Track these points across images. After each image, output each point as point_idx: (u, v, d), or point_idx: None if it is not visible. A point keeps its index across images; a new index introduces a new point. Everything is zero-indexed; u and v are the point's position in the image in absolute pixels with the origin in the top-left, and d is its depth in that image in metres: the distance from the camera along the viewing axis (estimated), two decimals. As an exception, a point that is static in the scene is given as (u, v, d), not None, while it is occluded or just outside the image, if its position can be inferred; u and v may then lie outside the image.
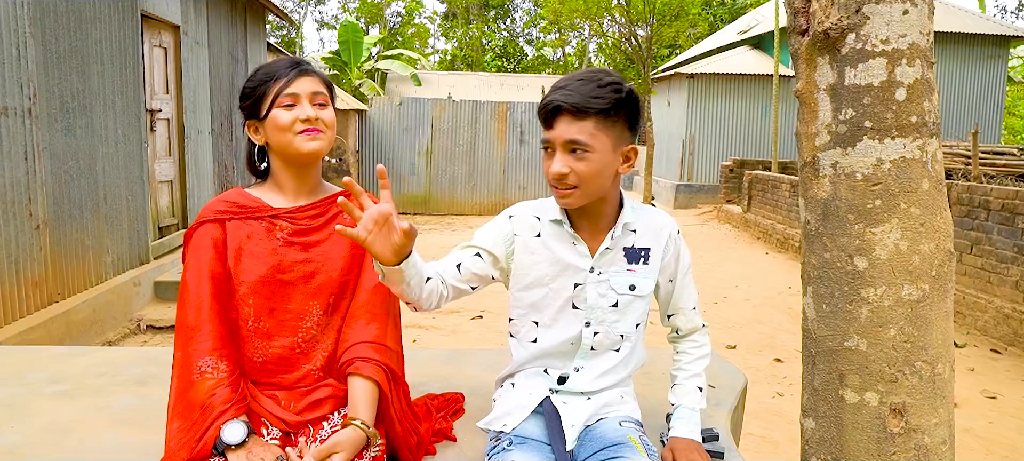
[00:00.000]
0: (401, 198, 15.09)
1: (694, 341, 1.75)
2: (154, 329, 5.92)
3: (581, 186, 1.50)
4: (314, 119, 1.57)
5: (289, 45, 32.69)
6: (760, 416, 4.39)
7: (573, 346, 1.64)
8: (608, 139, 1.49)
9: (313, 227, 1.63)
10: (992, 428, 4.35)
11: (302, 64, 1.61)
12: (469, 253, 1.63)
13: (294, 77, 1.58)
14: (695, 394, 1.70)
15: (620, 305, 1.62)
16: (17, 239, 4.67)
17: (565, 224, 1.60)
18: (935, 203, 1.47)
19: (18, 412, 1.92)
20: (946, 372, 1.50)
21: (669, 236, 1.66)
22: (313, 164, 1.64)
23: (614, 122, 1.50)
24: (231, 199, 1.63)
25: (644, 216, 1.66)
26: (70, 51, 5.30)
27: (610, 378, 1.66)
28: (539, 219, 1.64)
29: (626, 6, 12.35)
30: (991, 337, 6.19)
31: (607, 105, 1.46)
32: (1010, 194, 6.22)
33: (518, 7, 37.79)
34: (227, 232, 1.58)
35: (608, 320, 1.63)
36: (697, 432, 1.66)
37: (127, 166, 6.24)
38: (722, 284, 8.38)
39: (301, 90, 1.58)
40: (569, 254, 1.61)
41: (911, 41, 1.43)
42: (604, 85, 1.48)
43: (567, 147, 1.48)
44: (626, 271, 1.62)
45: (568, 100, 1.46)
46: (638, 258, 1.63)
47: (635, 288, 1.63)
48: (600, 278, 1.61)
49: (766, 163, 14.23)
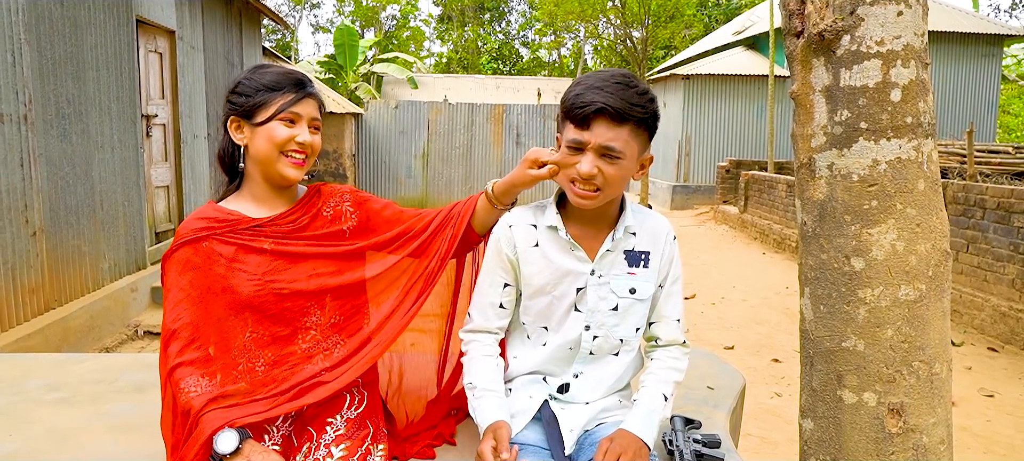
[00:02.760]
0: (398, 201, 14.88)
1: (671, 353, 1.66)
2: (151, 335, 5.90)
3: (605, 189, 1.49)
4: (308, 145, 1.58)
5: (284, 49, 32.65)
6: (759, 417, 4.40)
7: (572, 351, 1.63)
8: (637, 146, 1.50)
9: (298, 230, 1.63)
10: (990, 426, 4.36)
11: (309, 85, 1.61)
12: (498, 287, 1.65)
13: (302, 98, 1.58)
14: (659, 398, 1.58)
15: (620, 309, 1.61)
16: (13, 246, 4.65)
17: (561, 231, 1.59)
18: (931, 203, 1.48)
19: (16, 420, 1.91)
20: (944, 371, 1.50)
21: (666, 238, 1.65)
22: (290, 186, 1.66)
23: (644, 131, 1.50)
24: (207, 216, 1.60)
25: (643, 219, 1.65)
26: (65, 57, 5.30)
27: (609, 385, 1.66)
28: (535, 227, 1.63)
29: (621, 8, 12.37)
30: (988, 335, 6.21)
31: (645, 115, 1.47)
32: (1005, 192, 6.24)
33: (513, 9, 37.83)
34: (209, 249, 1.56)
35: (608, 324, 1.61)
36: (650, 435, 1.51)
37: (123, 172, 6.23)
38: (719, 285, 8.38)
39: (304, 112, 1.58)
40: (567, 261, 1.60)
41: (906, 42, 1.44)
42: (642, 93, 1.47)
43: (600, 151, 1.46)
44: (627, 274, 1.61)
45: (611, 103, 1.42)
46: (639, 261, 1.61)
47: (635, 292, 1.61)
48: (601, 280, 1.60)
49: (762, 163, 14.25)
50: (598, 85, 1.45)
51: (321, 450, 1.52)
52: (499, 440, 1.44)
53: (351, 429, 1.58)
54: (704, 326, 6.63)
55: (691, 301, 7.62)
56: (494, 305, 1.65)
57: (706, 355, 2.53)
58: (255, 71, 1.62)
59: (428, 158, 15.10)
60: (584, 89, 1.46)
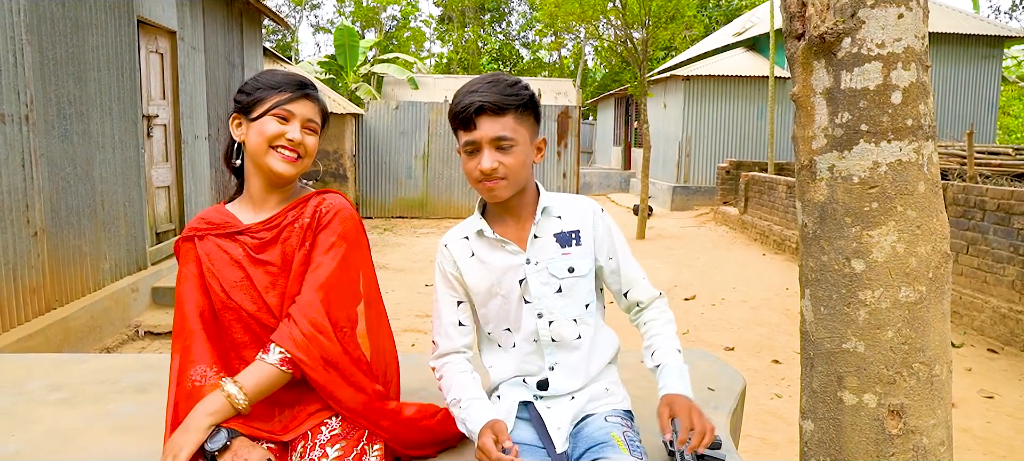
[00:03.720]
0: (398, 202, 15.10)
1: (657, 308, 1.75)
2: (152, 335, 5.91)
3: (509, 177, 1.59)
4: (299, 142, 1.60)
5: (285, 49, 32.67)
6: (759, 418, 4.40)
7: (537, 343, 1.67)
8: (526, 132, 1.62)
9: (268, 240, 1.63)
10: (990, 428, 4.36)
11: (309, 88, 1.64)
12: (452, 307, 1.72)
13: (297, 97, 1.61)
14: (677, 357, 1.67)
15: (564, 289, 1.66)
16: (15, 246, 4.66)
17: (486, 231, 1.67)
18: (931, 205, 1.48)
19: (18, 420, 1.92)
20: (944, 373, 1.51)
21: (594, 213, 1.71)
22: (281, 183, 1.66)
23: (528, 115, 1.62)
24: (207, 217, 1.67)
25: (564, 201, 1.72)
26: (67, 57, 5.30)
27: (587, 371, 1.69)
28: (467, 238, 1.70)
29: (621, 9, 12.37)
30: (988, 337, 6.21)
31: (521, 101, 1.59)
32: (1006, 194, 6.25)
33: (514, 10, 37.85)
34: (200, 249, 1.62)
35: (557, 307, 1.66)
36: (689, 390, 1.60)
37: (124, 172, 6.24)
38: (720, 286, 8.39)
39: (298, 111, 1.60)
40: (501, 258, 1.67)
41: (906, 45, 1.44)
42: (512, 84, 1.60)
43: (494, 143, 1.56)
44: (561, 255, 1.67)
45: (488, 99, 1.56)
46: (569, 241, 1.68)
47: (574, 270, 1.66)
48: (538, 267, 1.66)
49: (762, 164, 14.25)
50: (472, 89, 1.59)
51: (316, 450, 1.52)
52: (498, 433, 1.48)
53: (346, 429, 1.58)
54: (704, 327, 6.63)
55: (691, 302, 7.62)
56: (454, 324, 1.72)
57: (706, 356, 2.54)
58: (263, 73, 1.66)
59: (429, 159, 15.09)
60: (462, 96, 1.60)
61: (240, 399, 1.46)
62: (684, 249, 11.07)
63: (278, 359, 1.50)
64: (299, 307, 1.55)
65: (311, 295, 1.56)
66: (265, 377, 1.50)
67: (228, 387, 1.46)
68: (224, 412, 1.45)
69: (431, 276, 8.49)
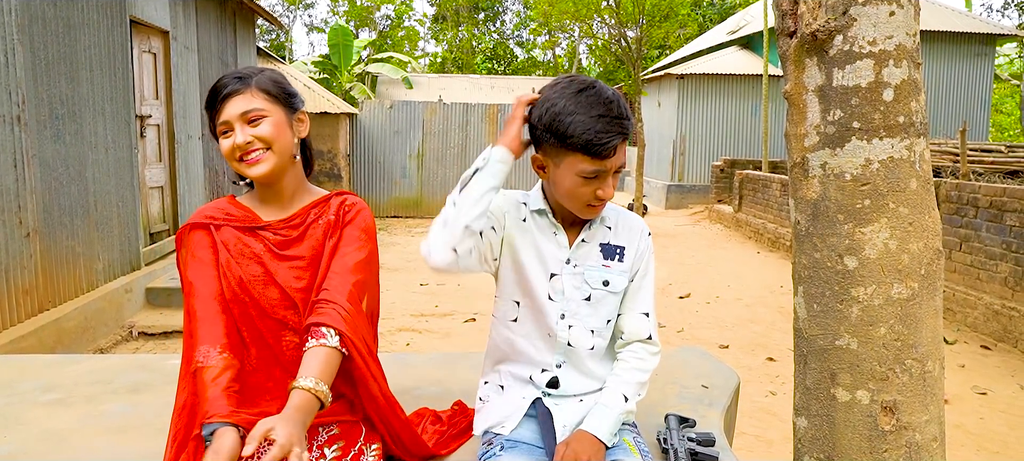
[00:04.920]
0: (393, 201, 15.08)
1: (635, 351, 1.67)
2: (146, 336, 5.89)
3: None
4: (247, 144, 1.54)
5: (279, 49, 32.59)
6: (753, 415, 4.42)
7: (550, 338, 1.64)
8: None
9: (294, 238, 1.62)
10: (983, 424, 4.38)
11: (228, 84, 1.56)
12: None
13: (220, 105, 1.56)
14: (618, 398, 1.60)
15: (593, 299, 1.64)
16: (7, 247, 4.64)
17: (548, 213, 1.64)
18: (923, 202, 1.49)
19: (11, 421, 1.91)
20: (936, 369, 1.51)
21: (641, 236, 1.70)
22: (273, 182, 1.63)
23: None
24: (222, 208, 1.63)
25: (618, 215, 1.70)
26: (59, 57, 5.28)
27: (598, 375, 1.67)
28: (525, 205, 1.67)
29: (615, 7, 12.38)
30: (981, 333, 6.24)
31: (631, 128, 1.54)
32: (998, 191, 6.28)
33: (508, 9, 37.82)
34: (215, 239, 1.59)
35: (581, 314, 1.64)
36: (608, 434, 1.54)
37: (117, 172, 6.21)
38: (714, 284, 8.41)
39: (231, 115, 1.54)
40: (548, 244, 1.64)
41: (898, 42, 1.45)
42: (625, 108, 1.54)
43: (616, 170, 1.54)
44: (601, 266, 1.65)
45: (626, 129, 1.50)
46: (614, 255, 1.66)
47: (609, 284, 1.64)
48: (575, 270, 1.63)
49: (756, 162, 14.29)
50: (601, 114, 1.48)
51: (314, 451, 1.52)
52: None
53: (344, 429, 1.58)
54: (699, 325, 6.65)
55: (686, 300, 7.63)
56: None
57: (701, 354, 2.54)
58: None
59: (423, 158, 15.07)
60: (591, 121, 1.47)
61: (322, 388, 1.41)
62: (679, 247, 11.09)
63: (338, 342, 1.48)
64: (333, 292, 1.53)
65: (345, 281, 1.55)
66: (333, 361, 1.47)
67: (305, 383, 1.40)
68: (313, 407, 1.40)
69: (426, 276, 8.49)
